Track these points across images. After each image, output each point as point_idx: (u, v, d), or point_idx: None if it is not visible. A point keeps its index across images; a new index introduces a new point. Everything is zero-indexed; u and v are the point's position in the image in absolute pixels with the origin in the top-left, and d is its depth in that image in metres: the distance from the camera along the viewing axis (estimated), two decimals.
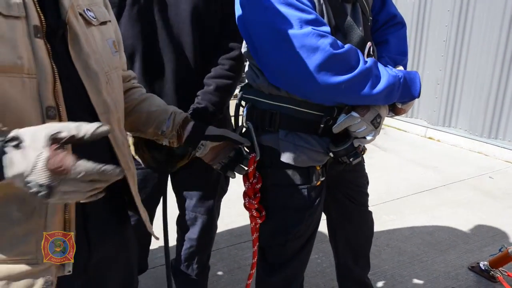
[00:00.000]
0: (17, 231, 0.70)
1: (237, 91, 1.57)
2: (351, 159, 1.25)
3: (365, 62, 1.15)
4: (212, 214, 1.67)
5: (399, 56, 1.33)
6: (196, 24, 1.40)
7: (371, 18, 1.33)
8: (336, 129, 1.22)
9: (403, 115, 1.35)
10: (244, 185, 1.32)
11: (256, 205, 1.32)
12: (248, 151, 1.30)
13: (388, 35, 1.36)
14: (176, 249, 1.78)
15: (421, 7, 4.63)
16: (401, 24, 1.39)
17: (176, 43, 1.41)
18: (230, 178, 1.76)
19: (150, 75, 1.45)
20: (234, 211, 2.46)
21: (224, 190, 1.73)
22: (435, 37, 4.53)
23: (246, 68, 1.39)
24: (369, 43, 1.23)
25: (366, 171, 1.57)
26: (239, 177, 1.32)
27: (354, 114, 1.19)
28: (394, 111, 1.31)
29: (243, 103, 1.39)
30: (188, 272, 1.77)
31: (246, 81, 1.38)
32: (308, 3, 1.11)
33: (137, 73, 1.44)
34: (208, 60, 1.45)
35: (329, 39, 1.08)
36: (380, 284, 2.16)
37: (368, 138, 1.22)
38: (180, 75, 1.44)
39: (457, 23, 4.27)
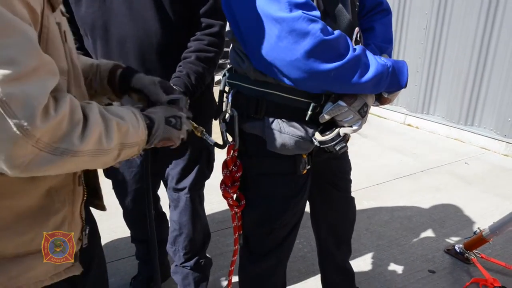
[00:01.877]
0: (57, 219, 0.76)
1: (220, 77, 1.55)
2: (338, 148, 1.20)
3: (354, 49, 1.10)
4: (192, 195, 1.64)
5: (384, 44, 1.30)
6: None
7: (358, 3, 1.29)
8: (323, 118, 1.18)
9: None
10: (222, 173, 1.29)
11: (232, 194, 1.29)
12: (229, 139, 1.26)
13: (374, 22, 1.33)
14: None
15: None
16: (387, 11, 1.36)
17: (137, 18, 1.36)
18: (214, 164, 1.72)
19: (111, 51, 1.40)
20: (215, 198, 2.45)
21: (206, 176, 1.71)
22: (415, 25, 4.57)
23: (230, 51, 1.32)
24: (357, 29, 1.20)
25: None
26: (220, 163, 1.30)
27: (341, 103, 1.15)
28: (380, 100, 1.28)
29: (227, 88, 1.33)
30: (175, 258, 1.76)
31: (229, 65, 1.32)
32: None
33: (98, 49, 1.41)
34: (176, 36, 1.42)
35: (319, 25, 1.03)
36: (359, 267, 2.20)
37: (355, 127, 1.18)
38: (143, 51, 1.40)
39: (436, 12, 4.31)
